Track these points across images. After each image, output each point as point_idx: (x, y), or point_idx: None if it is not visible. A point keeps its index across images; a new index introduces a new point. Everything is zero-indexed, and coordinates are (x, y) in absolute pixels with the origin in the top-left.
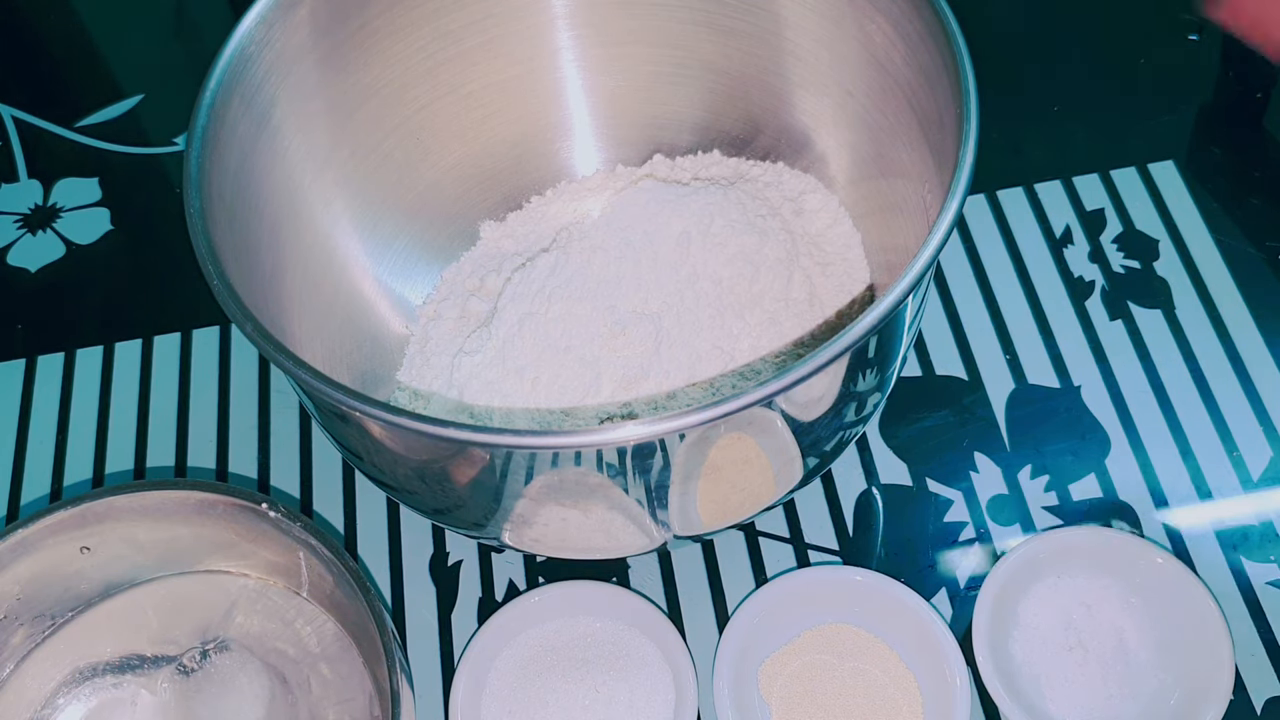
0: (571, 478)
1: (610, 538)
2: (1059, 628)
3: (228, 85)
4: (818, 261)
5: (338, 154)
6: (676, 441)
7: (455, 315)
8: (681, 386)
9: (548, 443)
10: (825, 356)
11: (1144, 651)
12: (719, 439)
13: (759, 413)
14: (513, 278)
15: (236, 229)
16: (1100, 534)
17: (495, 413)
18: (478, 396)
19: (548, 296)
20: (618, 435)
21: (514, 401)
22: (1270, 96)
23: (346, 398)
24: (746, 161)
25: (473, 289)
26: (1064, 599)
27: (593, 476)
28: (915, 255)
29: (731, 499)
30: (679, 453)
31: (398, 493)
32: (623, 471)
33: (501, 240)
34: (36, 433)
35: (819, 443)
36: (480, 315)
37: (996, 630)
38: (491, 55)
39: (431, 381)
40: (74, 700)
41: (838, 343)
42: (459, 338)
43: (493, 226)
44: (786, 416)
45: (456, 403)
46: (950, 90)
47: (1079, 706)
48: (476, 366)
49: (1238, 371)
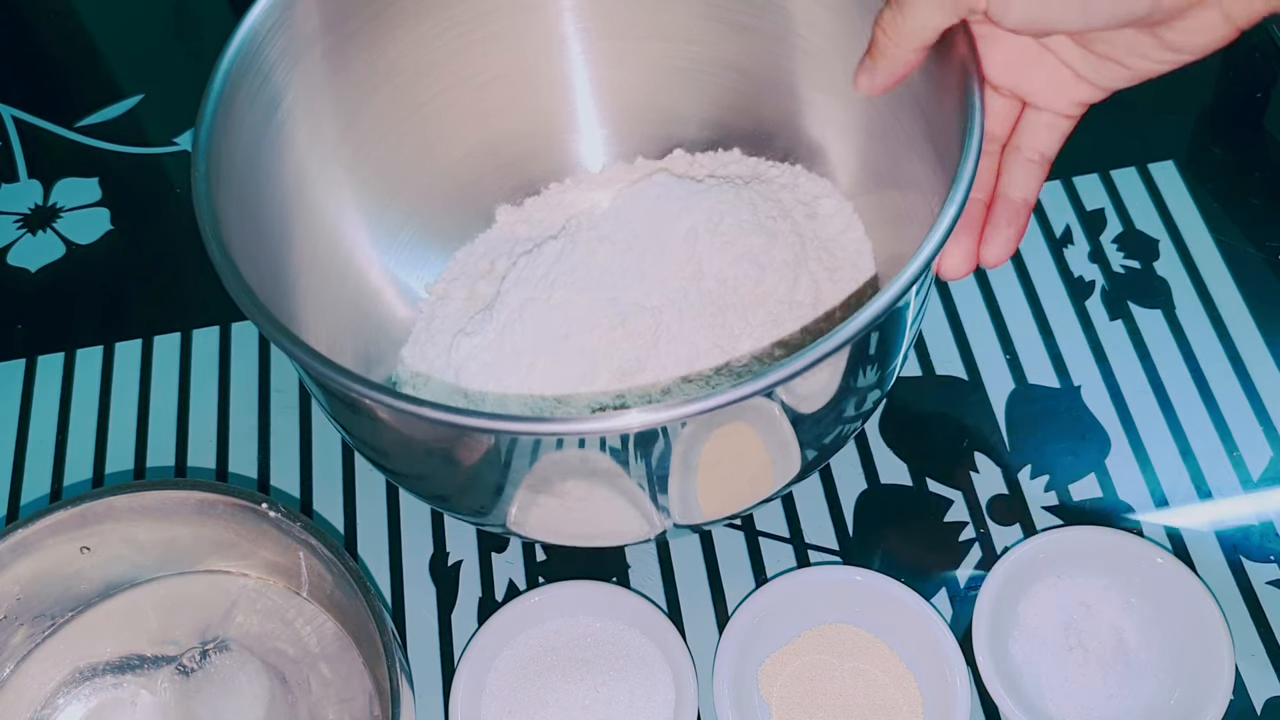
0: (573, 465)
1: (610, 525)
2: (1059, 628)
3: (238, 71)
4: (826, 266)
5: (347, 141)
6: (678, 429)
7: (463, 296)
8: (675, 382)
9: (547, 429)
10: (826, 348)
11: (1144, 651)
12: (719, 428)
13: (760, 403)
14: (518, 262)
15: (245, 215)
16: (1100, 534)
17: (489, 396)
18: (473, 379)
19: (551, 283)
20: (620, 423)
21: (509, 386)
22: (1270, 96)
23: (338, 376)
24: (765, 161)
25: (483, 271)
26: (1064, 599)
27: (594, 464)
28: (917, 249)
29: (730, 489)
30: (680, 441)
31: (399, 477)
32: (624, 459)
33: (516, 225)
34: (36, 433)
35: (819, 436)
36: (486, 297)
37: (996, 630)
38: (510, 44)
39: (432, 361)
40: (74, 700)
41: (839, 335)
42: (463, 318)
43: (509, 210)
44: (786, 408)
45: (452, 384)
46: (958, 100)
47: (1079, 706)
48: (475, 348)
49: (1238, 371)
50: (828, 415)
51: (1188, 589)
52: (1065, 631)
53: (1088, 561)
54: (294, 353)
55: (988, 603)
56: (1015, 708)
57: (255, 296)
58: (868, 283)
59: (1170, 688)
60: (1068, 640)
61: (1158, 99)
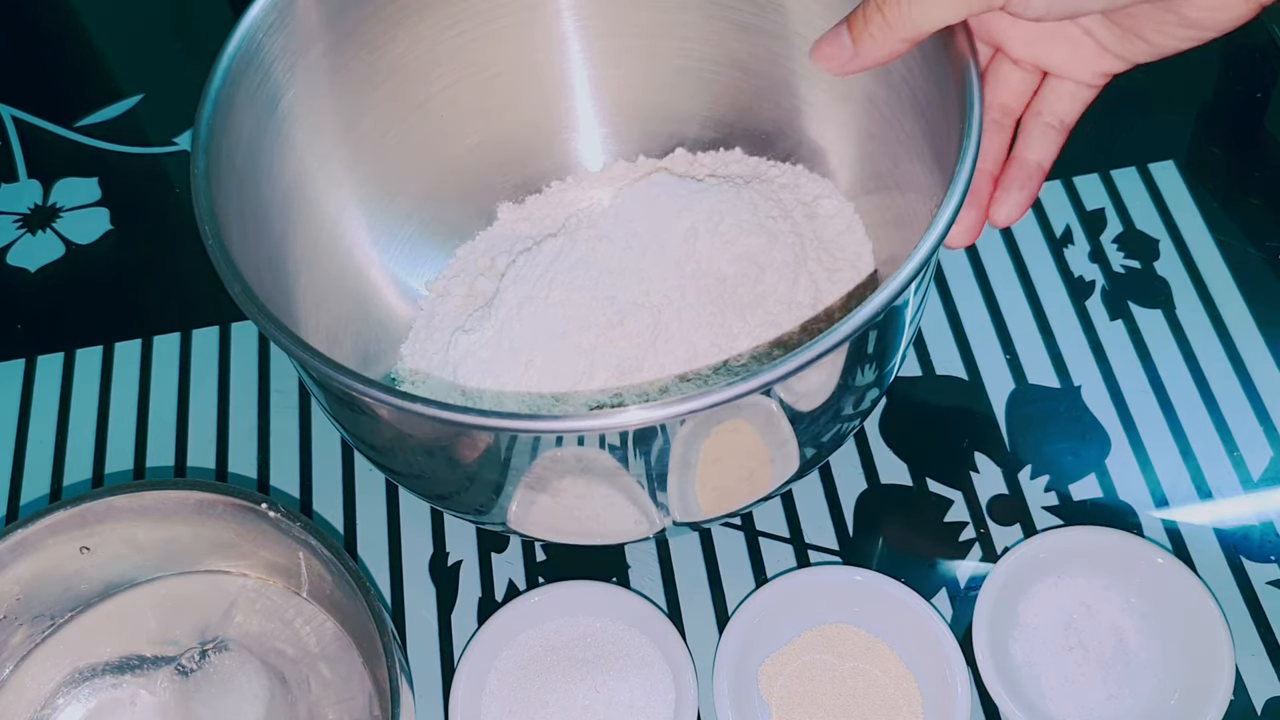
0: (572, 463)
1: (610, 523)
2: (1059, 628)
3: (237, 69)
4: (826, 267)
5: (347, 139)
6: (677, 427)
7: (463, 293)
8: (674, 380)
9: (545, 427)
10: (824, 346)
11: (1144, 652)
12: (718, 425)
13: (758, 400)
14: (517, 260)
15: (245, 214)
16: (1100, 534)
17: (486, 393)
18: (470, 376)
19: (549, 281)
20: (619, 420)
21: (506, 384)
22: (1270, 96)
23: (337, 374)
24: (767, 161)
25: (483, 268)
26: (1064, 599)
27: (593, 461)
28: (915, 247)
29: (729, 486)
30: (679, 438)
31: (398, 476)
32: (623, 456)
33: (518, 223)
34: (36, 433)
35: (817, 434)
36: (485, 294)
37: (997, 630)
38: (512, 40)
39: (431, 358)
40: (73, 701)
41: (836, 332)
42: (462, 315)
43: (510, 208)
44: (785, 405)
45: (450, 382)
46: (957, 102)
47: (1079, 706)
48: (472, 345)
49: (1238, 371)
50: (826, 413)
51: (1188, 589)
52: (1065, 631)
53: (1088, 561)
54: (293, 351)
55: (988, 603)
56: (1015, 708)
57: (254, 295)
58: (867, 283)
59: (1170, 688)
60: (1068, 640)
61: (1158, 99)
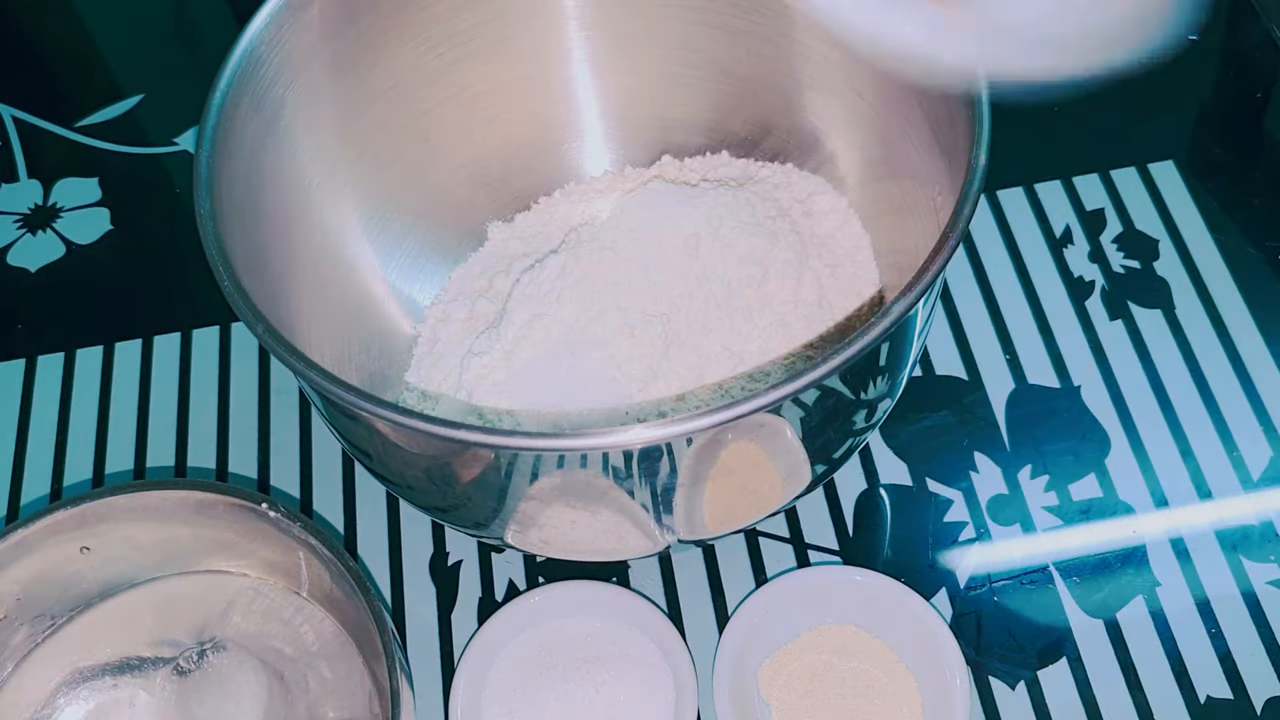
0: (577, 480)
1: (613, 541)
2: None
3: (238, 86)
4: (827, 263)
5: (347, 154)
6: (684, 446)
7: (463, 316)
8: (691, 389)
9: (555, 445)
10: (834, 363)
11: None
12: (726, 443)
13: (767, 418)
14: (522, 279)
15: (246, 230)
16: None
17: (503, 414)
18: (486, 398)
19: (557, 298)
20: (625, 438)
21: (522, 403)
22: (1270, 96)
23: (359, 400)
24: (755, 163)
25: (481, 290)
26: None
27: (599, 479)
28: (927, 262)
29: (737, 504)
30: (686, 457)
31: (403, 490)
32: (629, 475)
33: (509, 241)
34: (36, 433)
35: (828, 449)
36: (488, 316)
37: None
38: (501, 55)
39: (440, 383)
40: (73, 701)
41: (847, 350)
42: (467, 339)
43: (500, 228)
44: (796, 422)
45: (465, 404)
46: (961, 93)
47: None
48: (485, 368)
49: (1238, 371)
50: (838, 428)
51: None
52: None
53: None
54: (307, 375)
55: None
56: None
57: (269, 323)
58: (869, 278)
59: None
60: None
61: (1158, 99)
